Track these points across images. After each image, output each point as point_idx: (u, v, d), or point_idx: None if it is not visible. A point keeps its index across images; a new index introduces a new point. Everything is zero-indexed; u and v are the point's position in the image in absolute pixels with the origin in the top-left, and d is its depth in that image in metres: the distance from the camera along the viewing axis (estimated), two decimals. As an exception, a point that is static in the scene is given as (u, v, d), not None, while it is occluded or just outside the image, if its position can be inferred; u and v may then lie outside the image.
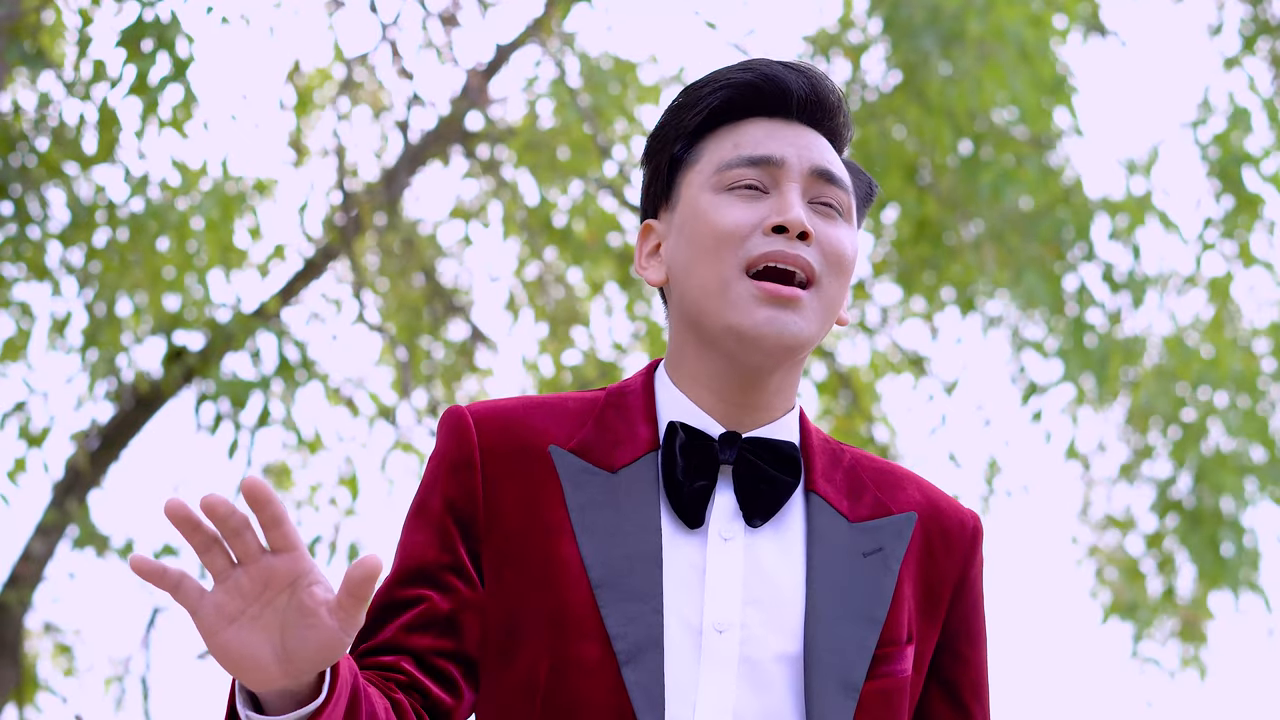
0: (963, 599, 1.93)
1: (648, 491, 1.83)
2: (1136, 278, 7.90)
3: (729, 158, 1.87)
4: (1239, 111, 7.88)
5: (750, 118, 1.90)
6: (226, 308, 7.16)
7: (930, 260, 8.06)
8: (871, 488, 1.91)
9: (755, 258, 1.83)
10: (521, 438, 1.87)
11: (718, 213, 1.85)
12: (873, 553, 1.86)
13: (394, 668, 1.80)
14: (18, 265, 6.66)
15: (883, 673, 1.81)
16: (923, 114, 7.64)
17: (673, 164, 1.92)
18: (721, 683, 1.78)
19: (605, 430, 1.88)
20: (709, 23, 7.80)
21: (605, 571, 1.79)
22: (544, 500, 1.84)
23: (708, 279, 1.84)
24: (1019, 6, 7.39)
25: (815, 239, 1.85)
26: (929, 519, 1.92)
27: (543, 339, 8.11)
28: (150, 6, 5.98)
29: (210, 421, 6.95)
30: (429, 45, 7.35)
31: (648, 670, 1.76)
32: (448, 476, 1.87)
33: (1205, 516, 8.17)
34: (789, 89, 1.89)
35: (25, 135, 6.50)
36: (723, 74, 1.91)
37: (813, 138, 1.90)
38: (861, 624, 1.81)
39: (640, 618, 1.77)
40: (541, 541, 1.82)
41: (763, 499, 1.85)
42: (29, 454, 6.83)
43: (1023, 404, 8.22)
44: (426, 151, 7.90)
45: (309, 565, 1.55)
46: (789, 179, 1.86)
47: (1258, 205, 7.92)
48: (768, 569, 1.83)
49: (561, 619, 1.79)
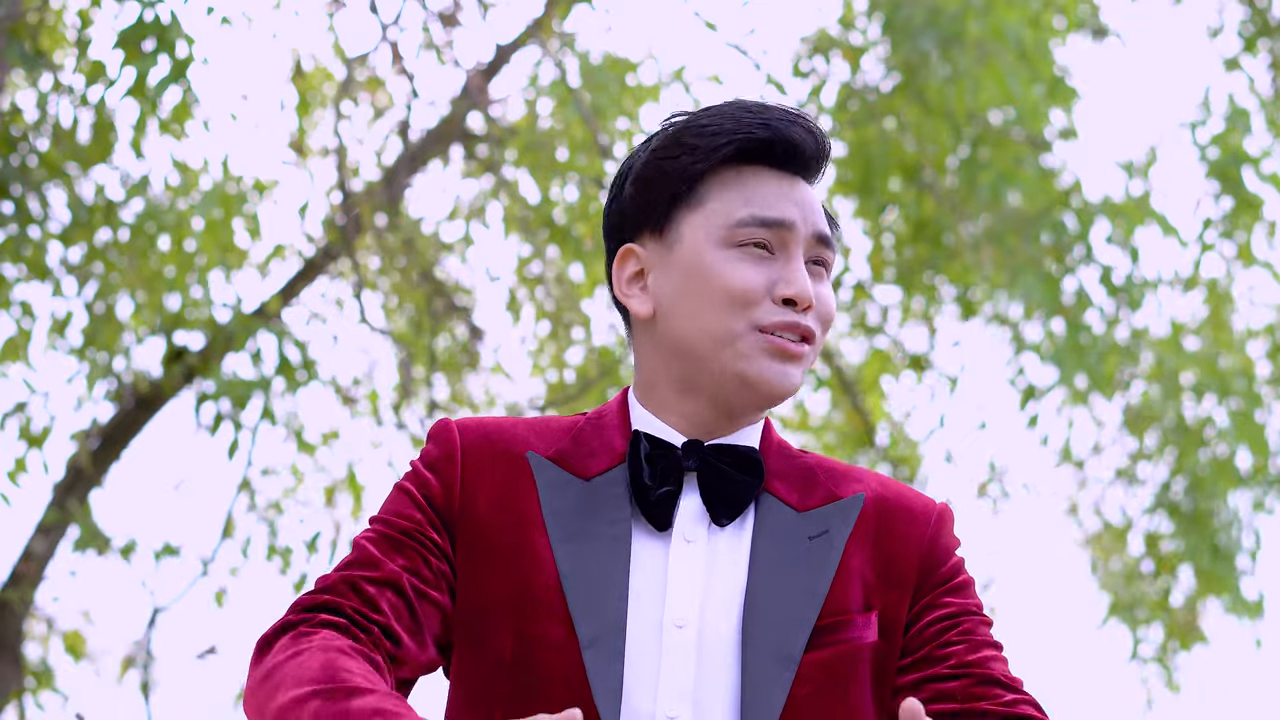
0: (935, 569, 1.97)
1: (618, 497, 1.93)
2: (1135, 280, 7.90)
3: (741, 215, 1.95)
4: (1238, 112, 7.88)
5: (756, 165, 1.98)
6: (226, 308, 7.17)
7: (929, 261, 8.07)
8: (825, 483, 1.99)
9: (769, 325, 1.93)
10: (503, 443, 1.97)
11: (731, 271, 1.93)
12: (818, 535, 1.94)
13: (374, 605, 1.87)
14: (18, 265, 6.67)
15: (828, 641, 1.89)
16: (922, 115, 7.64)
17: (673, 199, 1.97)
18: (681, 674, 1.87)
19: (582, 444, 1.98)
20: (709, 23, 7.81)
21: (573, 564, 1.88)
22: (519, 497, 1.93)
23: (715, 330, 1.93)
24: (1018, 8, 7.40)
25: (815, 305, 1.96)
26: (884, 499, 1.99)
27: (544, 337, 8.11)
28: (150, 7, 5.98)
29: (210, 421, 6.96)
30: (429, 45, 7.35)
31: (607, 655, 1.85)
32: (428, 471, 1.97)
33: (1203, 520, 8.18)
34: (799, 147, 1.98)
35: (25, 135, 6.50)
36: (734, 124, 1.96)
37: (811, 195, 2.01)
38: (800, 598, 1.90)
39: (605, 606, 1.87)
40: (513, 533, 1.91)
41: (727, 500, 1.93)
42: (29, 454, 6.84)
43: (1020, 408, 8.22)
44: (427, 151, 7.90)
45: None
46: (796, 244, 1.96)
47: (1258, 206, 7.92)
48: (723, 567, 1.92)
49: (528, 601, 1.88)
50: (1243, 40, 8.40)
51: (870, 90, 7.90)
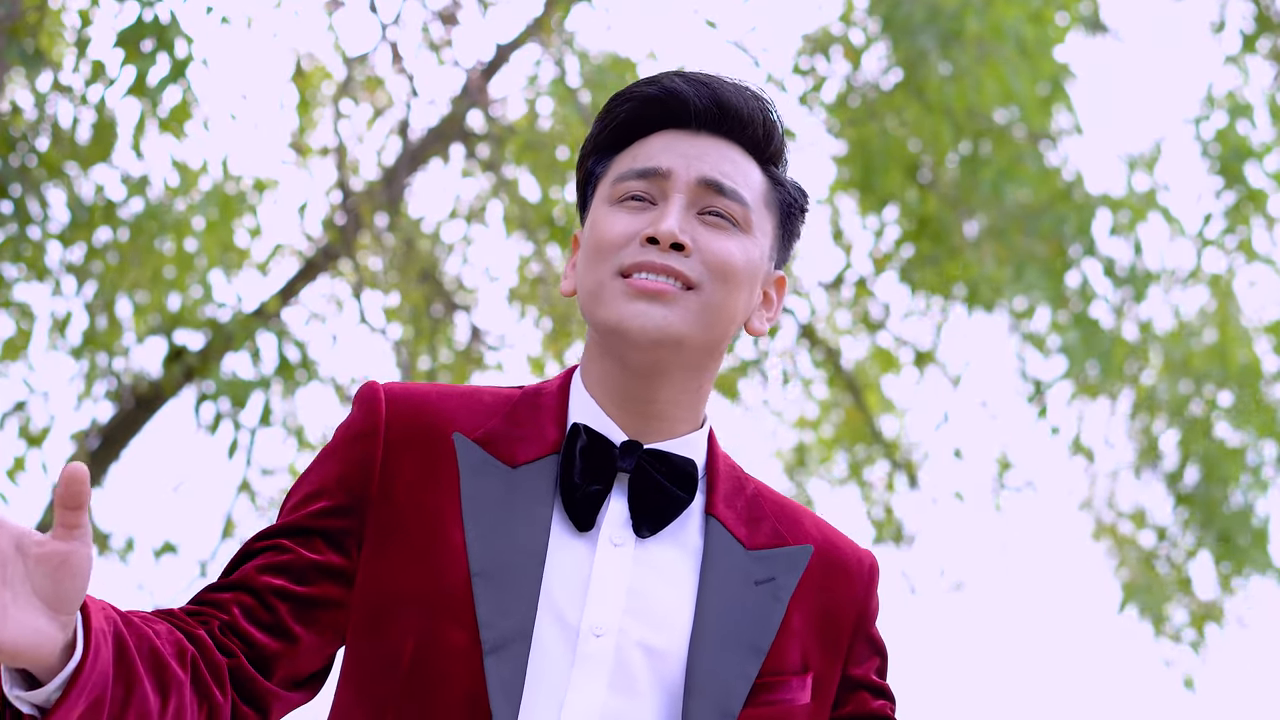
0: (863, 636, 1.96)
1: (543, 491, 1.85)
2: (1138, 273, 7.91)
3: (621, 170, 1.91)
4: (1241, 106, 7.88)
5: (657, 131, 1.93)
6: (226, 308, 7.17)
7: (931, 257, 8.07)
8: (771, 518, 1.94)
9: (627, 266, 1.86)
10: (429, 420, 1.89)
11: (605, 223, 1.89)
12: (765, 581, 1.89)
13: (222, 606, 1.82)
14: (18, 265, 6.66)
15: (765, 700, 1.84)
16: (923, 112, 7.64)
17: (588, 179, 1.97)
18: (592, 685, 1.80)
19: (514, 425, 1.90)
20: (709, 21, 7.80)
21: (486, 562, 1.80)
22: (439, 483, 1.85)
23: (589, 284, 1.89)
24: (1018, 4, 7.40)
25: (695, 249, 1.87)
26: (825, 554, 1.95)
27: (544, 337, 8.11)
28: (150, 7, 5.97)
29: (210, 421, 6.96)
30: (429, 45, 7.34)
31: (510, 663, 1.77)
32: (349, 444, 1.89)
33: (1216, 506, 8.19)
34: (688, 101, 1.91)
35: (25, 135, 6.50)
36: (631, 89, 1.94)
37: (715, 148, 1.92)
38: (744, 652, 1.84)
39: (513, 611, 1.79)
40: (429, 522, 1.83)
41: (653, 511, 1.87)
42: (29, 454, 6.84)
43: (1029, 401, 8.22)
44: (427, 151, 7.90)
45: (18, 526, 1.57)
46: (674, 190, 1.89)
47: (1261, 200, 7.92)
48: (657, 582, 1.86)
49: (434, 600, 1.80)
50: (1244, 37, 8.40)
51: (870, 87, 7.90)
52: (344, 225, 7.46)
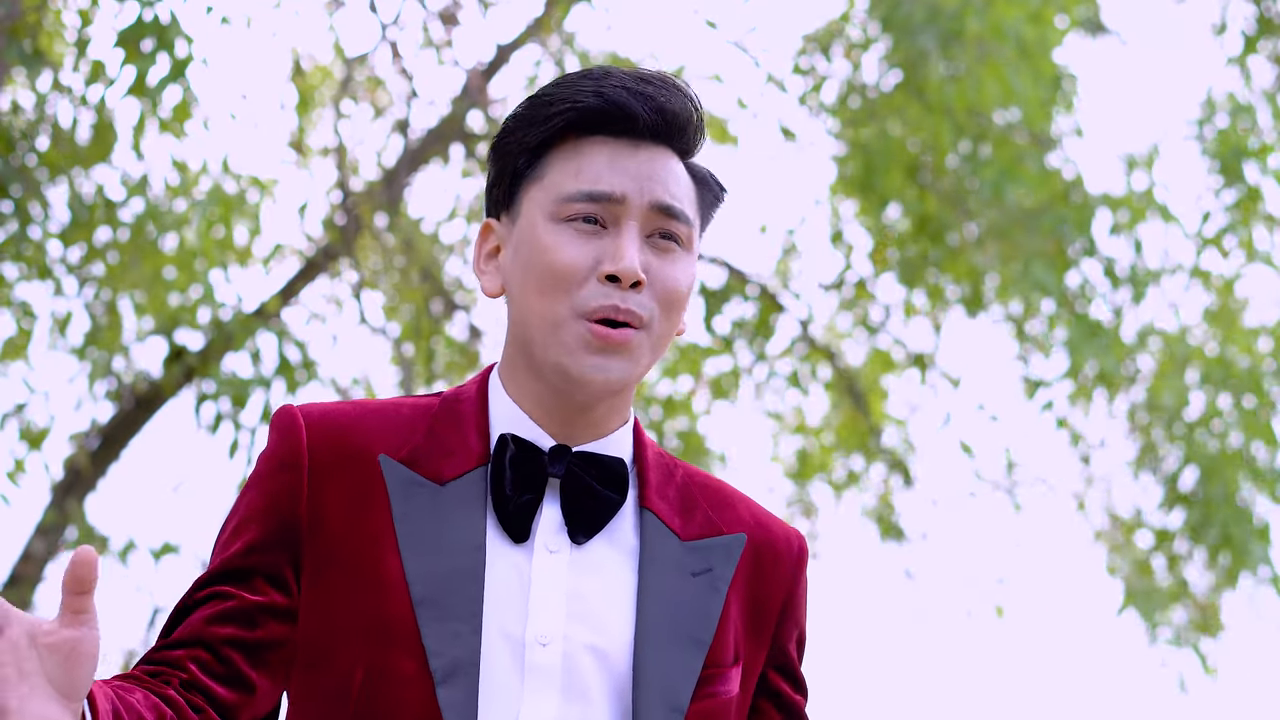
0: (789, 617, 1.95)
1: (474, 504, 1.82)
2: (1138, 273, 7.91)
3: (569, 190, 1.85)
4: (1242, 107, 7.88)
5: (595, 135, 1.87)
6: (227, 307, 7.17)
7: (932, 257, 8.07)
8: (703, 505, 1.93)
9: (590, 310, 1.82)
10: (352, 444, 1.85)
11: (555, 248, 1.83)
12: (702, 573, 1.87)
13: (179, 665, 1.79)
14: (18, 265, 6.66)
15: (707, 693, 1.84)
16: (922, 112, 7.64)
17: (515, 175, 1.90)
18: (545, 697, 1.79)
19: (436, 440, 1.86)
20: (709, 21, 7.80)
21: (426, 588, 1.78)
22: (370, 508, 1.82)
23: (544, 313, 1.84)
24: (1018, 5, 7.40)
25: (648, 282, 1.84)
26: (757, 539, 1.94)
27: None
28: (150, 7, 5.97)
29: (210, 421, 6.95)
30: (429, 45, 7.34)
31: (462, 690, 1.75)
32: (273, 475, 1.84)
33: (1214, 508, 8.18)
34: (634, 114, 1.85)
35: (25, 135, 6.50)
36: (570, 92, 1.87)
37: (658, 164, 1.87)
38: (688, 646, 1.83)
39: (459, 637, 1.76)
40: (365, 550, 1.80)
41: (587, 515, 1.85)
42: (29, 454, 6.84)
43: (1028, 398, 8.22)
44: (427, 151, 7.90)
45: (29, 618, 1.56)
46: (628, 216, 1.84)
47: (1259, 200, 7.92)
48: (596, 583, 1.84)
49: (380, 631, 1.78)
50: (1245, 39, 8.39)
51: (871, 88, 7.90)
52: (344, 225, 7.46)
